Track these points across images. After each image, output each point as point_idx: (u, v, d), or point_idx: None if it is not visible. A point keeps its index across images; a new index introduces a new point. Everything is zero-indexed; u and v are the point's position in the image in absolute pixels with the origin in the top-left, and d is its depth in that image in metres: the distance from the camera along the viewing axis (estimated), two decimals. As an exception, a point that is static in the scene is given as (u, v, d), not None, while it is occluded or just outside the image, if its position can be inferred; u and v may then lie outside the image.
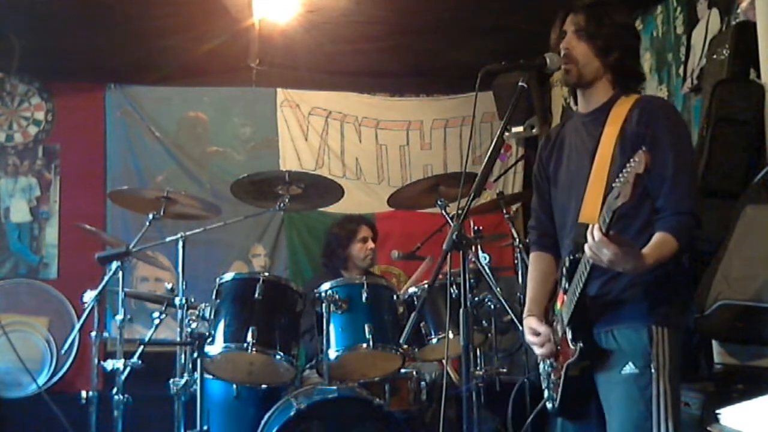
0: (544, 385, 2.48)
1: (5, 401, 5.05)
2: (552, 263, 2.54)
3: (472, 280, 3.03)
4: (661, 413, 2.13)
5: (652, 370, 2.16)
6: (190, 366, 3.44)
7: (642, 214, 2.23)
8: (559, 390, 2.32)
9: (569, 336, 2.23)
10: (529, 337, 2.41)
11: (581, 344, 2.20)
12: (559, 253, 2.51)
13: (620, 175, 1.89)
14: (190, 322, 3.41)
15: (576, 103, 2.54)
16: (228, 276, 3.50)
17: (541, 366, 2.51)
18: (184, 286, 3.62)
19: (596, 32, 2.34)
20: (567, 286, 2.26)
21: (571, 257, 2.24)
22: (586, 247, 2.03)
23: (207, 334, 3.29)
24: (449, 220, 3.68)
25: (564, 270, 2.28)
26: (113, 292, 4.00)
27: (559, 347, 2.33)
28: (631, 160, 1.86)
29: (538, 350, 2.39)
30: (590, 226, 2.01)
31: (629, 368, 2.18)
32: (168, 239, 3.82)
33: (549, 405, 2.43)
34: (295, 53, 5.34)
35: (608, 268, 2.07)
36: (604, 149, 2.27)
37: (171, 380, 3.49)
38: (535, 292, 2.50)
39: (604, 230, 1.97)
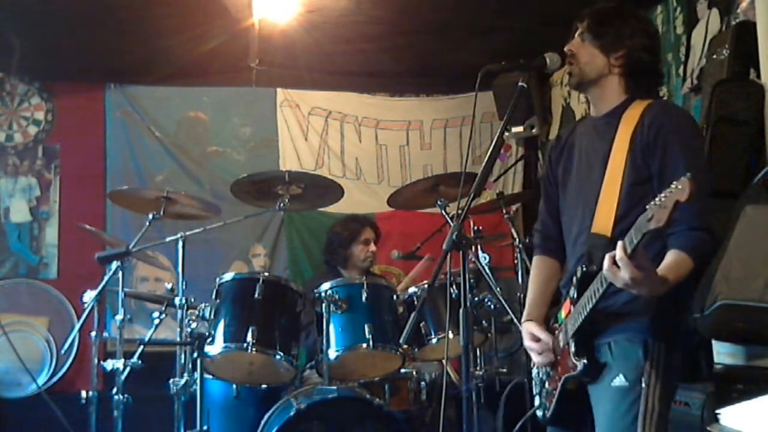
0: (535, 391, 2.45)
1: (5, 401, 5.05)
2: (554, 267, 2.51)
3: (472, 280, 3.03)
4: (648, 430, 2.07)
5: (643, 385, 2.09)
6: (190, 366, 3.44)
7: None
8: (554, 401, 2.29)
9: (572, 349, 2.19)
10: (529, 343, 2.36)
11: (585, 361, 2.15)
12: (562, 257, 2.48)
13: (658, 197, 1.80)
14: (190, 322, 3.41)
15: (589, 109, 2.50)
16: (228, 276, 3.50)
17: (534, 371, 2.47)
18: (184, 286, 3.62)
19: (600, 31, 2.31)
20: (576, 296, 2.20)
21: (584, 269, 2.19)
22: (604, 264, 1.94)
23: (207, 334, 3.29)
24: (449, 220, 3.68)
25: (574, 280, 2.23)
26: (113, 292, 4.00)
27: (558, 357, 2.28)
28: (672, 184, 1.77)
29: (536, 357, 2.34)
30: (619, 243, 1.91)
31: (619, 381, 2.12)
32: (168, 239, 3.82)
33: (540, 413, 2.39)
34: (295, 53, 5.34)
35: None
36: (616, 157, 2.21)
37: (171, 380, 3.49)
38: (536, 296, 2.46)
39: (629, 251, 1.88)
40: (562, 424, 2.37)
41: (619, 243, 1.91)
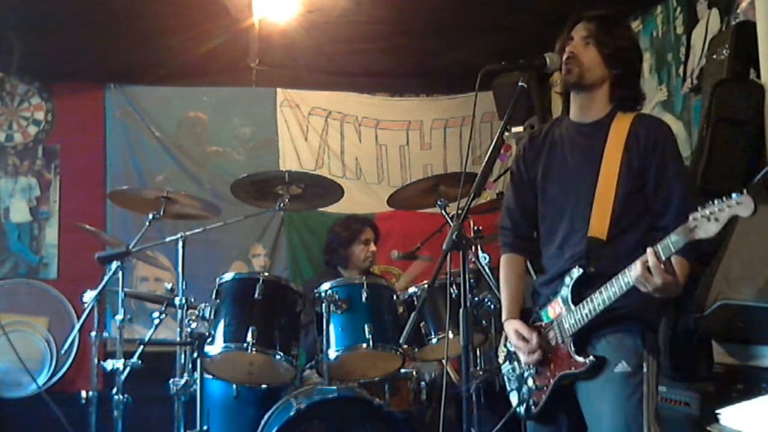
0: (512, 387, 2.49)
1: (5, 401, 5.05)
2: (524, 265, 2.58)
3: (472, 280, 3.04)
4: (651, 412, 2.18)
5: (645, 370, 2.21)
6: (190, 366, 3.44)
7: (639, 230, 2.28)
8: (545, 397, 2.34)
9: (572, 348, 2.27)
10: (517, 342, 2.41)
11: (592, 358, 2.23)
12: (531, 254, 2.54)
13: (707, 209, 1.89)
14: (190, 322, 3.41)
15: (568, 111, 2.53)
16: (228, 276, 3.50)
17: (506, 368, 2.52)
18: (184, 286, 3.62)
19: (606, 40, 2.36)
20: (570, 297, 2.28)
21: (581, 270, 2.26)
22: (636, 270, 2.05)
23: (207, 334, 3.29)
24: (449, 220, 3.68)
25: (568, 280, 2.29)
26: (113, 292, 4.00)
27: (549, 355, 2.35)
28: (730, 199, 1.86)
29: (524, 357, 2.39)
30: (649, 250, 2.02)
31: (622, 366, 2.21)
32: (168, 239, 3.82)
33: (521, 409, 2.44)
34: (295, 53, 5.34)
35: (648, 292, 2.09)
36: (610, 165, 2.31)
37: (171, 380, 3.49)
38: (513, 294, 2.53)
39: (663, 258, 2.01)
40: (546, 421, 2.42)
41: (650, 250, 2.03)
